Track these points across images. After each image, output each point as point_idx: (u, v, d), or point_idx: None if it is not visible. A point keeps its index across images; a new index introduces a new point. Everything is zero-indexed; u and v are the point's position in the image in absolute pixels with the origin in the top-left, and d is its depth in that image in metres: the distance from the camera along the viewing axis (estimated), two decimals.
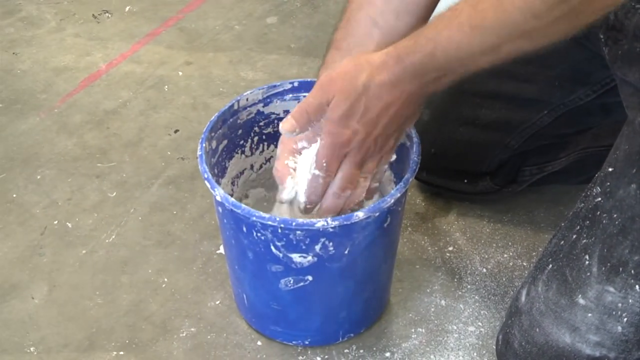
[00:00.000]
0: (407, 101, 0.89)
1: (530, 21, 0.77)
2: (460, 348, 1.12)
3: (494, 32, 0.80)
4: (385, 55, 0.87)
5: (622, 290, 0.88)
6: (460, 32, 0.81)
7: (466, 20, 0.81)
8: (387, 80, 0.87)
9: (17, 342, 1.13)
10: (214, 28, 1.74)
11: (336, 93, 0.88)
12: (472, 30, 0.81)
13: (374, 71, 0.87)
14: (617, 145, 0.95)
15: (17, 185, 1.36)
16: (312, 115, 0.91)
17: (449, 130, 1.22)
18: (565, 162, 1.26)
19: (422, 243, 1.26)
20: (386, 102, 0.88)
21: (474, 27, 0.81)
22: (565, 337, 0.91)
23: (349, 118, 0.89)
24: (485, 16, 0.79)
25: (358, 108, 0.88)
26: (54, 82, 1.59)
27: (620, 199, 0.89)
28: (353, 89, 0.88)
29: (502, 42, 0.81)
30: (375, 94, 0.87)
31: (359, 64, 0.88)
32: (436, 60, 0.84)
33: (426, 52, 0.84)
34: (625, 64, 0.96)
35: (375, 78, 0.87)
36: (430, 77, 0.86)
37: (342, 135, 0.90)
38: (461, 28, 0.81)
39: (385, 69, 0.87)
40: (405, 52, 0.86)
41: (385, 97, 0.88)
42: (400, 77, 0.86)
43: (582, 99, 1.14)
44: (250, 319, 1.14)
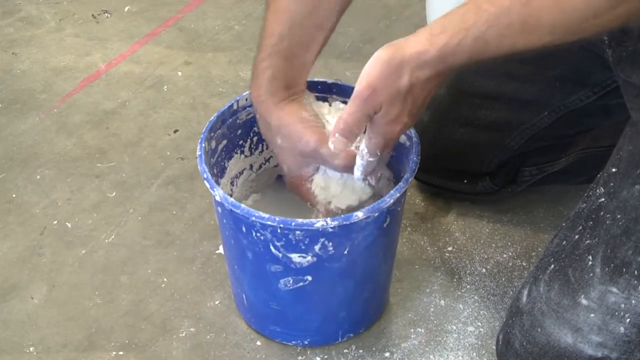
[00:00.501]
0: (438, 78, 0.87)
1: (590, 20, 0.77)
2: (460, 348, 1.12)
3: (549, 31, 0.79)
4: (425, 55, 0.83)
5: (625, 291, 0.88)
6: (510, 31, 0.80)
7: (517, 19, 0.79)
8: (429, 75, 0.85)
9: (16, 342, 1.13)
10: (214, 28, 1.74)
11: (383, 103, 0.86)
12: (524, 29, 0.79)
13: (415, 72, 0.84)
14: (620, 146, 0.95)
15: (16, 185, 1.36)
16: (358, 129, 0.89)
17: (448, 131, 1.22)
18: (565, 162, 1.26)
19: (421, 243, 1.26)
20: (428, 92, 0.88)
21: (527, 26, 0.79)
22: (567, 338, 0.91)
23: (400, 117, 0.88)
24: (541, 15, 0.78)
25: (406, 107, 0.87)
26: (54, 82, 1.59)
27: (624, 200, 0.89)
28: (400, 95, 0.86)
29: (556, 40, 0.80)
30: (420, 88, 0.86)
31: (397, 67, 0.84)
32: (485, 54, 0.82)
33: (474, 51, 0.82)
34: (629, 66, 0.96)
35: (419, 77, 0.85)
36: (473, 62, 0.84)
37: (394, 132, 0.89)
38: (512, 27, 0.79)
39: (427, 67, 0.84)
40: (451, 52, 0.82)
41: (428, 88, 0.87)
42: (443, 72, 0.85)
43: (582, 100, 1.14)
44: (249, 319, 1.14)
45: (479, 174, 1.25)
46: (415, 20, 1.73)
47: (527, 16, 0.79)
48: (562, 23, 0.78)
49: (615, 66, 1.00)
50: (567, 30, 0.79)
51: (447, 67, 0.84)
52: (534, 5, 0.78)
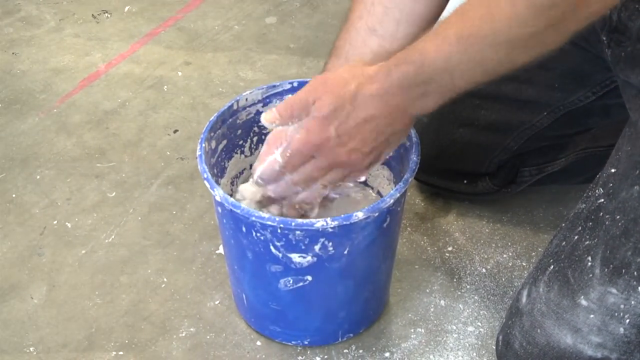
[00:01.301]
0: (391, 116, 0.88)
1: (515, 29, 0.77)
2: (460, 348, 1.12)
3: (482, 41, 0.79)
4: (379, 67, 0.87)
5: (625, 291, 0.88)
6: (446, 43, 0.81)
7: (454, 31, 0.81)
8: (375, 92, 0.86)
9: (16, 342, 1.13)
10: (213, 28, 1.74)
11: (324, 94, 0.88)
12: (459, 41, 0.80)
13: (365, 81, 0.87)
14: (619, 146, 0.94)
15: (16, 185, 1.36)
16: (295, 110, 0.90)
17: (448, 131, 1.22)
18: (564, 162, 1.26)
19: (421, 243, 1.26)
20: (369, 115, 0.87)
21: (461, 38, 0.80)
22: (567, 338, 0.91)
23: (329, 122, 0.88)
24: (473, 25, 0.79)
25: (340, 114, 0.87)
26: (53, 82, 1.59)
27: (623, 201, 0.89)
28: (341, 94, 0.87)
29: (489, 54, 0.80)
30: (361, 104, 0.87)
31: (354, 73, 0.88)
32: (423, 72, 0.83)
33: (414, 64, 0.83)
34: (628, 66, 0.96)
35: (364, 88, 0.86)
36: (416, 91, 0.85)
37: (316, 136, 0.89)
38: (448, 39, 0.81)
39: (376, 80, 0.86)
40: (395, 63, 0.85)
41: (370, 109, 0.87)
42: (387, 90, 0.86)
43: (581, 100, 1.14)
44: (249, 319, 1.14)
45: (479, 174, 1.25)
46: None
47: (462, 28, 0.80)
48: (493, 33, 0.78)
49: (614, 66, 1.00)
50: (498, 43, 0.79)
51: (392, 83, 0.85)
52: (468, 16, 0.80)
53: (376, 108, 0.87)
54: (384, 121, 0.88)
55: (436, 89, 0.85)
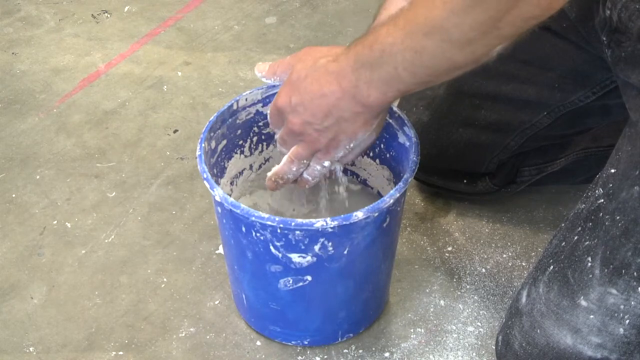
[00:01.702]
0: (339, 98, 0.89)
1: (451, 18, 0.77)
2: (460, 348, 1.12)
3: (421, 29, 0.80)
4: (345, 48, 0.90)
5: (625, 292, 0.87)
6: (394, 27, 0.82)
7: (402, 16, 0.82)
8: (332, 69, 0.89)
9: (16, 342, 1.13)
10: (213, 28, 1.74)
11: (299, 63, 0.93)
12: (405, 26, 0.81)
13: (331, 58, 0.90)
14: (619, 146, 0.94)
15: (16, 185, 1.36)
16: (279, 70, 1.00)
17: (448, 131, 1.22)
18: (564, 162, 1.26)
19: (421, 243, 1.26)
20: (321, 91, 0.90)
21: (406, 23, 0.81)
22: (567, 339, 0.91)
23: (291, 89, 0.92)
24: (417, 11, 0.80)
25: (301, 84, 0.91)
26: (53, 82, 1.59)
27: (623, 201, 0.89)
28: (309, 65, 0.91)
29: (427, 44, 0.80)
30: (318, 78, 0.90)
31: (331, 51, 0.92)
32: (372, 53, 0.85)
33: (366, 44, 0.85)
34: (628, 67, 0.96)
35: (327, 64, 0.90)
36: (364, 75, 0.86)
37: (279, 99, 0.94)
38: (397, 24, 0.82)
39: (338, 60, 0.89)
40: (354, 43, 0.88)
41: (323, 85, 0.89)
42: (342, 70, 0.88)
43: (581, 100, 1.14)
44: (249, 319, 1.14)
45: (479, 174, 1.25)
46: None
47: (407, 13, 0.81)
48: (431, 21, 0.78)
49: (614, 67, 1.00)
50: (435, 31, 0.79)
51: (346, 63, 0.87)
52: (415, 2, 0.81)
53: (328, 86, 0.89)
54: (332, 101, 0.89)
55: (381, 76, 0.85)
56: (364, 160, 1.15)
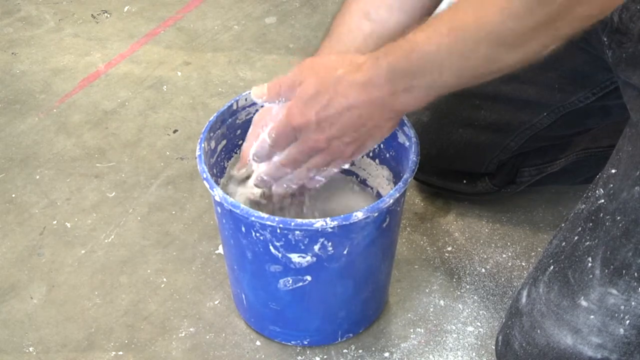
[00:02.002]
0: (373, 108, 0.86)
1: (508, 23, 0.75)
2: (459, 348, 1.12)
3: (471, 35, 0.78)
4: (368, 56, 0.86)
5: (625, 292, 0.87)
6: (437, 34, 0.80)
7: (445, 22, 0.79)
8: (360, 80, 0.85)
9: (16, 342, 1.13)
10: (213, 28, 1.74)
11: (309, 77, 0.88)
12: (449, 32, 0.79)
13: (352, 69, 0.86)
14: (619, 146, 0.94)
15: (16, 185, 1.36)
16: (283, 89, 0.91)
17: (448, 131, 1.22)
18: (564, 163, 1.26)
19: (420, 243, 1.26)
20: (350, 104, 0.86)
21: (452, 29, 0.79)
22: (567, 339, 0.91)
23: (309, 105, 0.87)
24: (465, 17, 0.78)
25: (322, 99, 0.87)
26: (53, 82, 1.59)
27: (624, 202, 0.89)
28: (325, 79, 0.87)
29: (478, 48, 0.78)
30: (343, 91, 0.86)
31: (342, 59, 0.88)
32: (411, 62, 0.82)
33: (402, 53, 0.82)
34: (629, 67, 0.96)
35: (350, 75, 0.85)
36: (401, 84, 0.83)
37: (296, 119, 0.89)
38: (439, 29, 0.80)
39: (362, 69, 0.85)
40: (384, 53, 0.84)
41: (352, 97, 0.85)
42: (372, 79, 0.84)
43: (581, 101, 1.14)
44: (249, 319, 1.14)
45: (479, 174, 1.25)
46: None
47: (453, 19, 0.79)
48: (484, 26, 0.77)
49: (615, 67, 1.00)
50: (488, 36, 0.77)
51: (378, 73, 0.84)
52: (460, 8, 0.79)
53: (358, 97, 0.85)
54: (365, 112, 0.86)
55: (422, 83, 0.83)
56: (363, 160, 1.15)
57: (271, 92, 0.92)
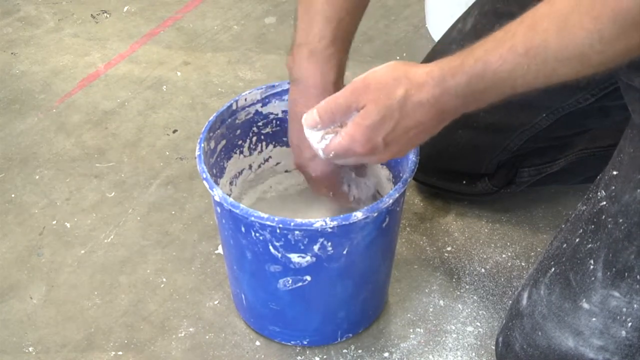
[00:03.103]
0: (440, 121, 0.86)
1: (596, 46, 0.73)
2: (459, 348, 1.12)
3: (554, 55, 0.75)
4: (426, 75, 0.83)
5: (627, 295, 0.87)
6: (513, 54, 0.77)
7: (522, 41, 0.77)
8: (425, 100, 0.83)
9: (15, 342, 1.13)
10: (212, 28, 1.74)
11: (369, 102, 0.85)
12: (528, 52, 0.76)
13: (413, 88, 0.83)
14: (620, 148, 0.94)
15: (15, 186, 1.36)
16: (337, 116, 0.88)
17: (447, 132, 1.20)
18: (563, 163, 1.26)
19: (420, 243, 1.26)
20: (418, 122, 0.85)
21: (530, 49, 0.76)
22: (569, 341, 0.91)
23: (376, 131, 0.85)
24: (546, 37, 0.75)
25: (388, 123, 0.85)
26: (52, 82, 1.59)
27: (626, 204, 0.89)
28: (388, 103, 0.84)
29: (560, 67, 0.76)
30: (409, 112, 0.84)
31: (397, 78, 0.84)
32: (483, 82, 0.80)
33: (474, 73, 0.80)
34: (631, 70, 0.95)
35: (413, 96, 0.83)
36: (473, 98, 0.82)
37: (362, 146, 0.87)
38: (514, 49, 0.77)
39: (425, 88, 0.83)
40: (451, 73, 0.82)
41: (420, 116, 0.84)
42: (440, 98, 0.83)
43: (580, 102, 1.14)
44: (248, 319, 1.14)
45: (478, 174, 1.25)
46: (414, 21, 1.73)
47: (532, 39, 0.76)
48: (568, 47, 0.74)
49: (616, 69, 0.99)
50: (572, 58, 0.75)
51: (445, 92, 0.82)
52: (539, 28, 0.76)
53: (426, 115, 0.84)
54: (432, 124, 0.86)
55: (494, 95, 0.82)
56: None
57: (325, 120, 0.88)
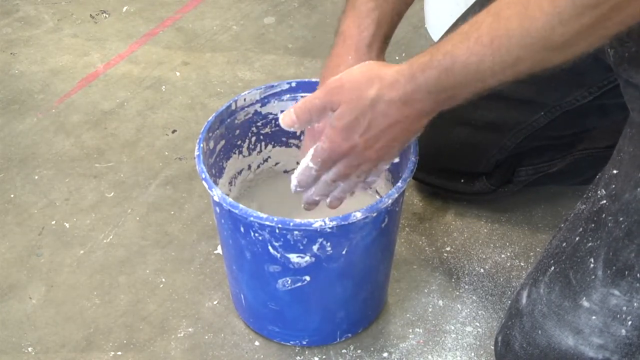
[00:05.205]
0: (416, 119, 0.87)
1: (557, 28, 0.74)
2: (458, 348, 1.12)
3: (518, 42, 0.76)
4: (397, 73, 0.85)
5: (628, 293, 0.88)
6: (479, 45, 0.78)
7: (487, 32, 0.78)
8: (397, 98, 0.84)
9: (14, 342, 1.13)
10: (212, 28, 1.74)
11: (343, 102, 0.87)
12: (492, 42, 0.77)
13: (384, 87, 0.85)
14: (620, 147, 0.94)
15: (14, 186, 1.36)
16: (314, 115, 0.90)
17: (445, 131, 1.22)
18: (561, 163, 1.26)
19: (419, 243, 1.26)
20: (393, 120, 0.86)
21: (495, 38, 0.77)
22: (568, 340, 0.91)
23: (351, 131, 0.87)
24: (509, 25, 0.76)
25: (362, 122, 0.87)
26: (52, 82, 1.59)
27: (627, 202, 0.89)
28: (360, 103, 0.86)
29: (525, 54, 0.77)
30: (382, 111, 0.86)
31: (370, 77, 0.86)
32: (453, 76, 0.81)
33: (442, 68, 0.81)
34: (631, 67, 0.95)
35: (384, 95, 0.85)
36: (444, 95, 0.83)
37: (341, 146, 0.89)
38: (480, 40, 0.78)
39: (396, 86, 0.84)
40: (420, 68, 0.83)
41: (393, 114, 0.86)
42: (411, 96, 0.84)
43: (578, 100, 1.14)
44: (247, 319, 1.14)
45: (476, 173, 1.25)
46: (414, 20, 1.73)
47: (496, 29, 0.77)
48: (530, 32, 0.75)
49: (616, 67, 0.99)
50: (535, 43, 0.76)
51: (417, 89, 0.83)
52: (503, 17, 0.77)
53: (399, 113, 0.86)
54: (409, 123, 0.87)
55: (465, 90, 0.83)
56: None
57: (302, 120, 0.91)
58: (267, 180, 1.19)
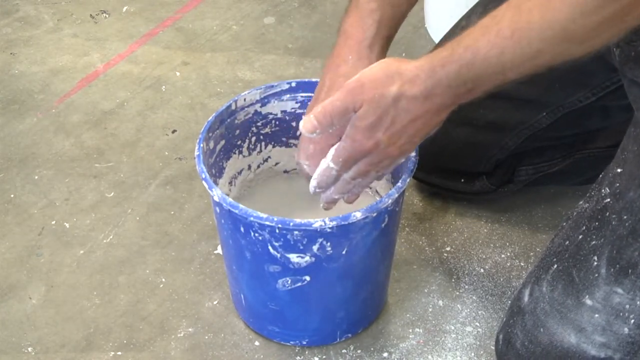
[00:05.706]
0: (436, 113, 0.87)
1: (578, 20, 0.75)
2: (458, 348, 1.12)
3: (538, 34, 0.77)
4: (417, 69, 0.85)
5: (631, 291, 0.88)
6: (500, 37, 0.79)
7: (507, 24, 0.78)
8: (419, 93, 0.84)
9: (14, 342, 1.13)
10: (212, 28, 1.74)
11: (365, 102, 0.86)
12: (514, 34, 0.78)
13: (405, 84, 0.85)
14: (624, 146, 0.94)
15: (14, 186, 1.36)
16: (335, 118, 0.88)
17: (446, 130, 1.21)
18: (561, 163, 1.26)
19: (419, 243, 1.26)
20: (415, 115, 0.86)
21: (516, 30, 0.78)
22: (571, 338, 0.91)
23: (375, 129, 0.87)
24: (531, 17, 0.77)
25: (385, 120, 0.86)
26: (52, 82, 1.59)
27: (631, 201, 0.89)
28: (382, 100, 0.85)
29: (546, 47, 0.78)
30: (405, 107, 0.85)
31: (389, 75, 0.86)
32: (474, 69, 0.81)
33: (464, 62, 0.82)
34: (637, 66, 0.95)
35: (406, 91, 0.85)
36: (465, 87, 0.84)
37: (364, 145, 0.89)
38: (501, 33, 0.79)
39: (417, 82, 0.84)
40: (440, 63, 0.83)
41: (415, 110, 0.86)
42: (432, 91, 0.84)
43: (581, 101, 1.14)
44: (247, 319, 1.14)
45: (476, 172, 1.25)
46: (414, 20, 1.73)
47: (517, 21, 0.78)
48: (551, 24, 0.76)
49: (622, 66, 0.99)
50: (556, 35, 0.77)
51: (437, 83, 0.83)
52: (524, 9, 0.78)
53: (421, 108, 0.86)
54: (430, 117, 0.87)
55: (485, 83, 0.83)
56: None
57: (323, 124, 0.88)
58: (267, 180, 1.19)
